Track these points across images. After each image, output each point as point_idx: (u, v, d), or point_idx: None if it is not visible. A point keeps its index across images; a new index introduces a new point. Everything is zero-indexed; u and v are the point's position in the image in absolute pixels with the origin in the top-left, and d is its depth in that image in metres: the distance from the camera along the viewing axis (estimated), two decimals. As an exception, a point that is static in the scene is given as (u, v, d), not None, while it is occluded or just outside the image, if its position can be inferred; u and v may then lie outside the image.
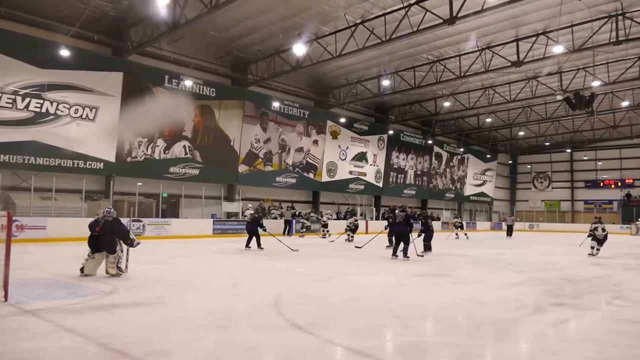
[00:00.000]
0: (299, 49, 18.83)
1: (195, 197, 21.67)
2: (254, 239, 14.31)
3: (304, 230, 23.43)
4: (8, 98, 16.39)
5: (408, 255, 12.14)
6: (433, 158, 36.83)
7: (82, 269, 8.17)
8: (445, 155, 38.16)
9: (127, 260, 8.40)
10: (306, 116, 26.81)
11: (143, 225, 18.47)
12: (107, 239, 8.12)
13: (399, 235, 12.47)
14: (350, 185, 30.04)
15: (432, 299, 7.13)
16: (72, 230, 14.92)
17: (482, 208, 43.65)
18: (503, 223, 34.11)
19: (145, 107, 19.96)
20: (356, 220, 20.70)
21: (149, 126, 20.19)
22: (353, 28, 18.54)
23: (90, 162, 18.47)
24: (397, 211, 12.79)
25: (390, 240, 16.20)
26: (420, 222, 15.56)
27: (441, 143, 37.55)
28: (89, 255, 8.21)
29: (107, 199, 18.83)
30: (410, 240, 12.31)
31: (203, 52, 20.48)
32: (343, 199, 30.09)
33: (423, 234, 14.70)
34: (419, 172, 35.65)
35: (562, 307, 6.58)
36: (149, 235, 18.21)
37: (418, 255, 12.81)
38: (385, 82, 24.42)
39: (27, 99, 16.78)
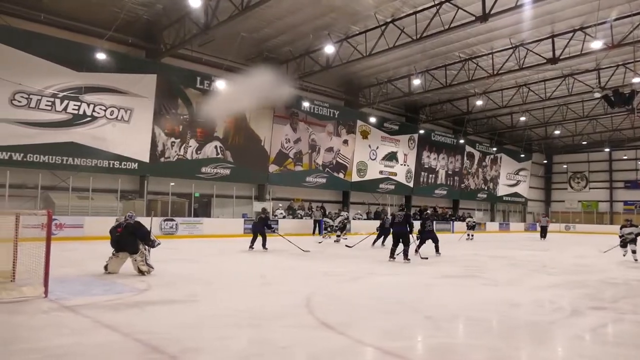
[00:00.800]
0: (329, 49, 18.85)
1: (227, 197, 21.93)
2: (260, 238, 14.15)
3: (329, 230, 22.80)
4: (47, 101, 16.95)
5: (409, 257, 11.54)
6: (465, 158, 36.29)
7: (105, 267, 8.38)
8: (477, 154, 37.54)
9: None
10: (336, 116, 26.81)
11: (176, 224, 18.82)
12: (128, 239, 8.34)
13: (398, 236, 11.86)
14: (381, 185, 29.89)
15: (463, 300, 7.02)
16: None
17: (516, 209, 42.76)
18: (537, 224, 33.33)
19: (177, 108, 20.38)
20: (346, 219, 19.56)
21: (182, 127, 20.57)
22: (383, 27, 18.43)
23: (125, 163, 18.93)
24: (393, 211, 12.62)
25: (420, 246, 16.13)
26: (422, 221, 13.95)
27: (473, 142, 36.95)
28: (113, 254, 8.44)
29: (142, 199, 19.27)
30: (411, 241, 11.79)
31: (234, 53, 20.71)
32: (373, 199, 29.95)
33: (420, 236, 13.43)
34: (450, 172, 35.18)
35: (601, 311, 6.38)
36: (182, 234, 18.55)
37: (422, 258, 12.19)
38: (416, 81, 24.18)
39: (65, 102, 17.32)
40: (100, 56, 17.23)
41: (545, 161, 45.22)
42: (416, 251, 12.69)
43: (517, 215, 42.88)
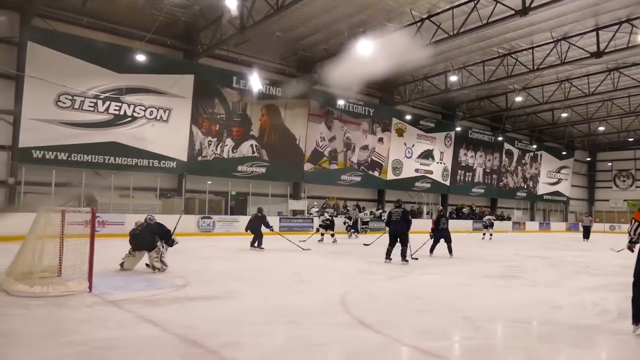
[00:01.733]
0: (365, 47, 18.70)
1: (262, 195, 22.14)
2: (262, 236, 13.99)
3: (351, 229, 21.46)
4: (90, 102, 17.53)
5: (407, 258, 10.70)
6: (503, 155, 35.47)
7: (121, 264, 8.56)
8: (516, 152, 36.63)
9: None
10: (371, 114, 26.68)
11: (213, 222, 19.14)
12: (147, 238, 8.50)
13: (396, 235, 10.86)
14: (416, 184, 29.57)
15: (502, 300, 6.87)
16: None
17: (557, 208, 41.49)
18: (580, 224, 32.25)
19: (214, 108, 20.75)
20: (331, 216, 18.13)
21: (218, 126, 20.90)
22: (419, 23, 18.20)
23: (164, 162, 19.39)
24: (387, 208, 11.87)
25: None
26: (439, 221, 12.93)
27: (512, 140, 36.08)
28: (129, 252, 8.62)
29: (180, 197, 19.68)
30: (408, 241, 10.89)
31: (269, 52, 20.89)
32: (409, 197, 29.65)
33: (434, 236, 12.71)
34: (488, 170, 34.47)
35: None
36: (219, 232, 18.84)
37: (413, 258, 11.16)
38: (453, 78, 23.80)
39: (107, 103, 17.87)
40: (140, 58, 17.69)
41: (589, 159, 43.72)
42: (431, 251, 12.31)
43: (559, 214, 41.62)
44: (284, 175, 23.34)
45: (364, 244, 15.31)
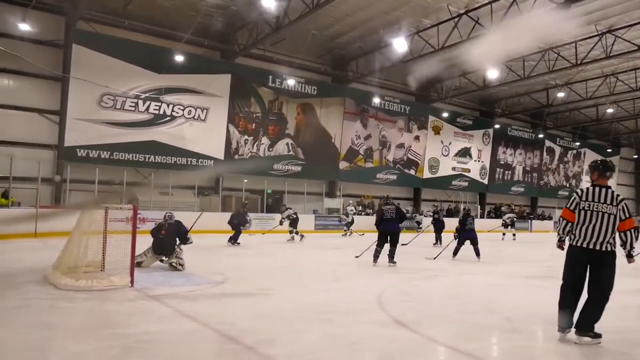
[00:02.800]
0: (400, 44, 18.56)
1: (298, 193, 22.26)
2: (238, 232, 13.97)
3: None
4: (131, 102, 18.03)
5: (395, 260, 9.78)
6: (544, 153, 34.47)
7: (139, 263, 8.51)
8: (558, 150, 35.53)
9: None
10: (407, 112, 26.42)
11: (249, 219, 19.35)
12: (171, 242, 8.63)
13: (388, 234, 9.86)
14: (453, 182, 29.11)
15: (541, 302, 6.65)
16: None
17: (601, 207, 39.94)
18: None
19: (250, 107, 20.99)
20: (295, 213, 16.68)
21: (254, 125, 21.13)
22: (457, 19, 17.88)
23: (202, 160, 19.75)
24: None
25: (438, 238, 15.60)
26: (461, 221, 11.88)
27: (554, 137, 35.02)
28: (149, 254, 8.66)
29: (217, 195, 20.01)
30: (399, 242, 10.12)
31: (304, 51, 20.95)
32: (446, 196, 29.21)
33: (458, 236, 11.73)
34: (528, 168, 33.58)
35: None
36: (255, 229, 19.05)
37: (390, 264, 9.79)
38: (491, 74, 23.27)
39: (147, 102, 18.34)
40: (179, 58, 18.07)
41: (636, 156, 41.93)
42: (454, 254, 11.55)
43: (603, 214, 40.09)
44: (319, 173, 23.39)
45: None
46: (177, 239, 8.69)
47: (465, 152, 29.50)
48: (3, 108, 16.39)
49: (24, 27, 15.88)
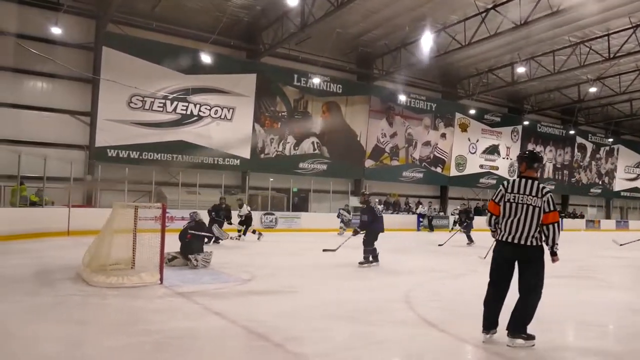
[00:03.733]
0: (426, 40, 18.36)
1: (323, 192, 22.26)
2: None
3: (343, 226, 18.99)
4: (159, 102, 18.33)
5: (366, 261, 9.30)
6: (575, 150, 33.63)
7: (170, 259, 8.59)
8: (590, 146, 34.61)
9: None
10: (433, 109, 26.14)
11: (275, 218, 19.46)
12: (196, 244, 8.73)
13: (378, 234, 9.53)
14: (481, 180, 28.68)
15: (574, 302, 6.51)
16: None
17: (636, 205, 38.81)
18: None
19: (276, 106, 21.09)
20: (250, 212, 15.81)
21: (280, 124, 21.22)
22: (484, 14, 17.59)
23: (228, 159, 19.95)
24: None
25: (469, 237, 15.31)
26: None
27: (585, 133, 34.13)
28: (179, 256, 8.72)
29: (243, 193, 20.16)
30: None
31: (329, 49, 20.93)
32: (473, 194, 28.81)
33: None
34: (558, 166, 32.83)
35: None
36: (281, 228, 19.14)
37: (360, 263, 9.35)
38: (520, 70, 22.82)
39: (175, 103, 18.62)
40: (205, 59, 18.26)
41: (672, 152, 40.57)
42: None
43: (638, 212, 38.94)
44: (345, 171, 23.35)
45: (439, 244, 14.94)
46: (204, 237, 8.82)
47: (493, 150, 29.02)
48: (37, 110, 16.85)
49: (57, 31, 16.28)
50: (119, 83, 16.89)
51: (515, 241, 4.25)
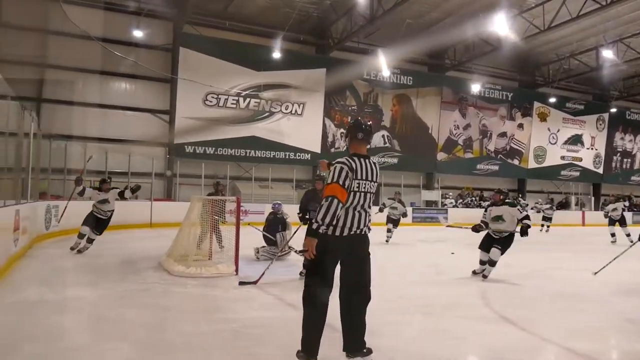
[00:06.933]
0: (501, 27, 17.55)
1: (395, 186, 21.94)
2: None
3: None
4: (233, 99, 18.92)
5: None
6: (670, 138, 30.93)
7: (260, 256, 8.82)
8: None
9: None
10: (509, 98, 25.04)
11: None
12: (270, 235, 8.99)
13: None
14: (563, 172, 27.11)
15: None
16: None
17: None
18: None
19: (346, 100, 21.09)
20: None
21: (350, 118, 21.18)
22: (565, -5, 16.57)
23: (299, 154, 20.23)
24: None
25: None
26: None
27: (681, 120, 31.28)
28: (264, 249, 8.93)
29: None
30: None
31: (399, 41, 20.57)
32: (554, 187, 27.31)
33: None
34: (651, 156, 30.36)
35: None
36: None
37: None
38: (606, 53, 21.27)
39: (247, 99, 19.13)
40: (276, 55, 18.61)
41: None
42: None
43: None
44: (416, 165, 22.95)
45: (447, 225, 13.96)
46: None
47: (576, 140, 27.34)
48: (122, 109, 17.94)
49: (138, 34, 17.25)
50: (195, 82, 17.59)
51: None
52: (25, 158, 8.64)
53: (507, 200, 7.52)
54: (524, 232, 6.97)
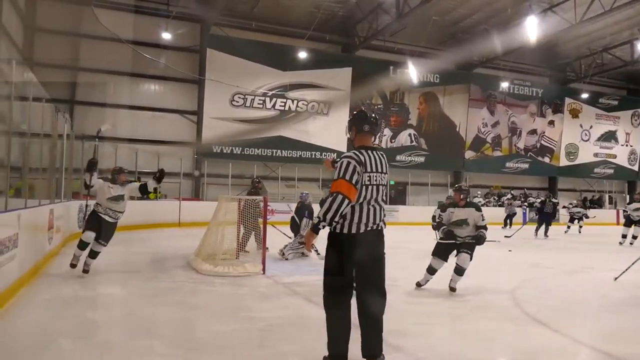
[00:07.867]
0: (531, 22, 17.19)
1: (421, 185, 21.82)
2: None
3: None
4: (259, 99, 19.05)
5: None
6: None
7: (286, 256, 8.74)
8: None
9: None
10: (539, 95, 24.53)
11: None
12: (295, 229, 8.98)
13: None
14: (596, 170, 26.41)
15: None
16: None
17: None
18: None
19: (372, 99, 21.00)
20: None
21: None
22: (597, -12, 16.11)
23: (325, 153, 20.20)
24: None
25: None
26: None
27: None
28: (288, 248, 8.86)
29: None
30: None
31: (425, 38, 20.39)
32: (587, 185, 26.62)
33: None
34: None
35: None
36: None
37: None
38: (642, 47, 20.62)
39: (274, 99, 19.24)
40: (302, 55, 18.68)
41: None
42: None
43: None
44: (443, 163, 22.69)
45: (505, 236, 13.71)
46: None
47: (610, 136, 26.60)
48: (151, 110, 18.26)
49: (166, 36, 17.54)
50: (223, 82, 17.80)
51: None
52: (59, 158, 8.87)
53: (471, 202, 6.43)
54: (480, 241, 6.07)
